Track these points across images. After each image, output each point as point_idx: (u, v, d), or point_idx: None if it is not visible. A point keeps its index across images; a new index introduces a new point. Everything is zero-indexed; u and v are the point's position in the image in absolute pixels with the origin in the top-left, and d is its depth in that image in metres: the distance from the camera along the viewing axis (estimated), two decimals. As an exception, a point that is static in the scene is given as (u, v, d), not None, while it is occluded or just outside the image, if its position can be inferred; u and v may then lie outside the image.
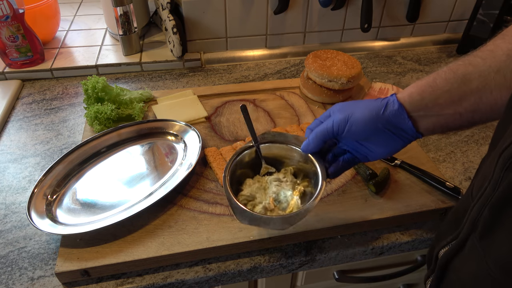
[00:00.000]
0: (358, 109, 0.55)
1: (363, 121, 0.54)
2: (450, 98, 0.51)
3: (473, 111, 0.51)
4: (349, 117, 0.55)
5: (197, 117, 0.87)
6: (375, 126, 0.54)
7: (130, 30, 1.04)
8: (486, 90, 0.49)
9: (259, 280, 0.76)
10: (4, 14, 0.92)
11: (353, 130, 0.55)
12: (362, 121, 0.54)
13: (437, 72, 0.53)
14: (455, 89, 0.50)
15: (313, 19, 1.11)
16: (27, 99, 0.96)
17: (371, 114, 0.54)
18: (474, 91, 0.49)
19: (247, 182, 0.63)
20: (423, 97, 0.52)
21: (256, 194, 0.61)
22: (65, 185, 0.71)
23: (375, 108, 0.54)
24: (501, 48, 0.49)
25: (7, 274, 0.61)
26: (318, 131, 0.57)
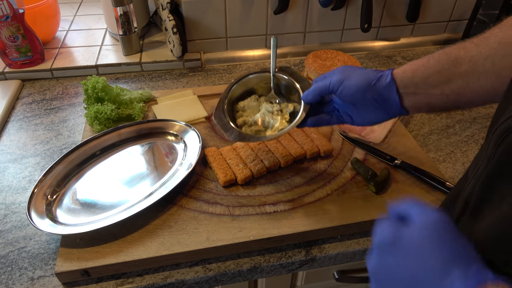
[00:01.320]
0: (355, 75, 0.58)
1: (355, 87, 0.57)
2: (439, 78, 0.53)
3: (459, 94, 0.52)
4: (344, 80, 0.58)
5: (197, 117, 0.87)
6: (364, 95, 0.57)
7: (130, 30, 1.04)
8: (474, 74, 0.50)
9: (259, 280, 0.76)
10: (4, 14, 0.92)
11: (345, 93, 0.58)
12: (354, 87, 0.57)
13: (433, 54, 0.55)
14: (445, 70, 0.52)
15: (313, 19, 1.11)
16: (27, 99, 0.96)
17: (364, 82, 0.57)
18: (463, 74, 0.51)
19: (252, 97, 0.72)
20: (415, 75, 0.54)
21: (248, 110, 0.71)
22: (65, 185, 0.71)
23: (369, 78, 0.57)
24: (495, 36, 0.50)
25: (7, 274, 0.61)
26: (317, 86, 0.62)
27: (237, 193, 0.71)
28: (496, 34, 0.50)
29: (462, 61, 0.51)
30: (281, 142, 0.79)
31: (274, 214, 0.67)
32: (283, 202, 0.69)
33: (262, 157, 0.75)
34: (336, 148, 0.81)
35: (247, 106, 0.72)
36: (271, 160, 0.75)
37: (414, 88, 0.55)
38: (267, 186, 0.72)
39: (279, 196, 0.70)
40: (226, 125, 0.67)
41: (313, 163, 0.77)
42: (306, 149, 0.77)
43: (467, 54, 0.51)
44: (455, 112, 0.95)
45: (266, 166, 0.74)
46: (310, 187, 0.72)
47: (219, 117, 0.68)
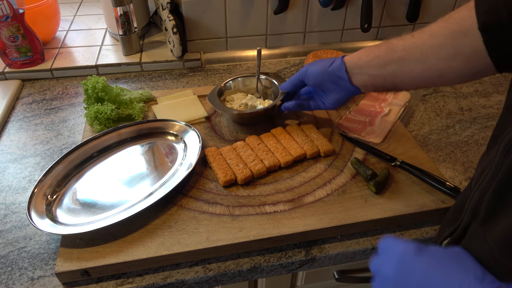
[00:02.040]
0: (316, 63, 0.74)
1: (315, 71, 0.73)
2: (378, 62, 0.64)
3: (393, 76, 0.63)
4: (308, 69, 0.75)
5: (197, 117, 0.87)
6: (323, 77, 0.72)
7: (130, 30, 1.04)
8: (405, 60, 0.61)
9: (259, 280, 0.76)
10: (4, 14, 0.92)
11: (309, 78, 0.75)
12: (314, 72, 0.73)
13: (379, 43, 0.66)
14: (383, 56, 0.64)
15: (313, 19, 1.11)
16: (27, 99, 0.96)
17: (321, 67, 0.72)
18: (396, 60, 0.62)
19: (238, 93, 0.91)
20: (360, 59, 0.67)
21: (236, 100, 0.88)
22: (65, 185, 0.71)
23: (325, 63, 0.72)
24: (430, 28, 0.59)
25: (7, 274, 0.61)
26: (292, 77, 0.81)
27: (237, 193, 0.71)
28: (431, 27, 0.60)
29: (397, 49, 0.62)
30: (281, 142, 0.79)
31: (274, 214, 0.67)
32: (283, 202, 0.69)
33: (262, 157, 0.75)
34: (336, 148, 0.81)
35: (235, 97, 0.89)
36: (271, 160, 0.75)
37: (358, 69, 0.67)
38: (267, 186, 0.72)
39: (279, 196, 0.70)
40: (219, 104, 0.83)
41: (313, 163, 0.77)
42: (306, 149, 0.77)
43: (404, 43, 0.62)
44: (455, 112, 0.95)
45: (266, 166, 0.74)
46: (310, 187, 0.72)
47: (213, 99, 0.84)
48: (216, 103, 0.83)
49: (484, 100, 1.00)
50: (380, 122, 0.85)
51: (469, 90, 1.04)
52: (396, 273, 0.42)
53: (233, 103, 0.88)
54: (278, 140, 0.79)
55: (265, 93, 0.91)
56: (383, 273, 0.45)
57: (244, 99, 0.87)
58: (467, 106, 0.98)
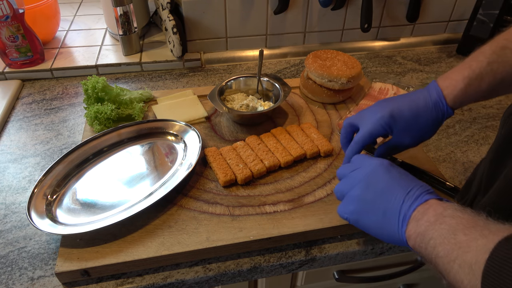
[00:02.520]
0: (405, 109, 0.62)
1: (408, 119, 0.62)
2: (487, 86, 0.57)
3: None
4: (395, 118, 0.62)
5: (197, 117, 0.87)
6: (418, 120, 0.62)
7: (130, 30, 1.04)
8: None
9: (259, 280, 0.76)
10: (4, 14, 0.92)
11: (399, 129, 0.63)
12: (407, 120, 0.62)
13: (480, 66, 0.57)
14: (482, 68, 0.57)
15: (313, 19, 1.11)
16: (27, 99, 0.96)
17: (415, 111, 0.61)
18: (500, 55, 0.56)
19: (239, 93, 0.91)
20: (467, 91, 0.57)
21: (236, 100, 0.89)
22: (65, 185, 0.71)
23: (413, 104, 0.61)
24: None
25: (7, 274, 0.61)
26: (359, 138, 0.64)
27: (237, 193, 0.71)
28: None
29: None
30: (281, 142, 0.79)
31: (274, 214, 0.67)
32: (283, 202, 0.69)
33: (262, 157, 0.75)
34: (336, 148, 0.81)
35: (236, 97, 0.89)
36: (271, 160, 0.75)
37: (465, 99, 0.58)
38: (267, 186, 0.72)
39: (279, 196, 0.70)
40: (219, 104, 0.83)
41: (313, 163, 0.77)
42: (306, 149, 0.77)
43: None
44: (455, 112, 0.95)
45: (266, 166, 0.74)
46: (310, 187, 0.72)
47: (213, 98, 0.84)
48: (217, 102, 0.83)
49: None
50: (380, 122, 0.85)
51: (469, 90, 1.04)
52: (369, 176, 0.53)
53: (234, 103, 0.88)
54: (278, 140, 0.79)
55: (266, 94, 0.92)
56: (356, 176, 0.54)
57: (245, 100, 0.87)
58: (467, 106, 0.98)
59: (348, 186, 0.55)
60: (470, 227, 0.40)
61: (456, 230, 0.41)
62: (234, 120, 0.87)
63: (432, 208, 0.46)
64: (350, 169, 0.56)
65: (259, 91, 0.91)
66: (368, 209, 0.52)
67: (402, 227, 0.47)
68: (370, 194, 0.52)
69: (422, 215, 0.46)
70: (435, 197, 0.48)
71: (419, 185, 0.50)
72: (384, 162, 0.54)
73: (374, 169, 0.53)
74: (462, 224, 0.41)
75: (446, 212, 0.44)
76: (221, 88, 0.88)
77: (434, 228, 0.43)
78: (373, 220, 0.51)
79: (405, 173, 0.53)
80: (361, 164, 0.56)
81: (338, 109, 0.91)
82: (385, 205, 0.50)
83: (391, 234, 0.49)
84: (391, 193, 0.50)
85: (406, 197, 0.48)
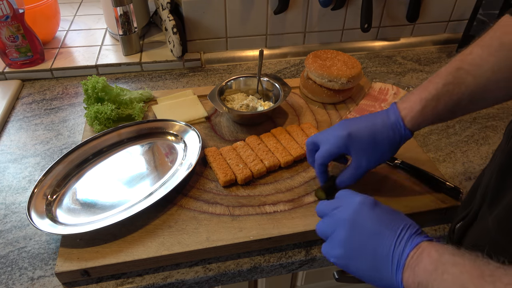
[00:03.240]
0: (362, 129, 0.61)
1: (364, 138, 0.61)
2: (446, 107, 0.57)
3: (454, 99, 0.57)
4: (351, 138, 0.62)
5: (197, 117, 0.87)
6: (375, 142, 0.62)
7: (130, 30, 1.04)
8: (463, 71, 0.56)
9: (259, 280, 0.76)
10: (4, 14, 0.92)
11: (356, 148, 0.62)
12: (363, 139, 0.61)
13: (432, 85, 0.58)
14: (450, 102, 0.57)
15: (313, 19, 1.11)
16: (27, 99, 0.96)
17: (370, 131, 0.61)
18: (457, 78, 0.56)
19: (239, 93, 0.91)
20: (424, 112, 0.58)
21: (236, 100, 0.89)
22: (65, 185, 0.71)
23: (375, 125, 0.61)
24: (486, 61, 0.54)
25: (7, 274, 0.61)
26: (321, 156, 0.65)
27: (237, 193, 0.71)
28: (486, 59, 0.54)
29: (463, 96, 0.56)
30: (281, 142, 0.79)
31: (274, 214, 0.67)
32: (283, 202, 0.69)
33: (262, 157, 0.75)
34: (336, 148, 0.81)
35: (235, 97, 0.89)
36: (271, 160, 0.75)
37: (423, 121, 0.59)
38: (267, 186, 0.72)
39: (279, 196, 0.70)
40: (219, 104, 0.83)
41: (313, 163, 0.77)
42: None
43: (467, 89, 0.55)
44: (455, 112, 0.95)
45: (266, 166, 0.74)
46: (310, 187, 0.72)
47: (213, 98, 0.84)
48: (217, 102, 0.83)
49: (484, 100, 1.00)
50: (380, 122, 0.85)
51: (469, 90, 1.04)
52: (354, 217, 0.50)
53: (234, 103, 0.88)
54: (278, 140, 0.79)
55: (265, 94, 0.92)
56: (339, 216, 0.51)
57: (245, 100, 0.87)
58: (467, 106, 0.98)
59: (332, 227, 0.52)
60: (477, 276, 0.38)
61: (464, 282, 0.38)
62: (234, 120, 0.87)
63: (425, 253, 0.44)
64: (332, 207, 0.53)
65: (259, 91, 0.92)
66: (357, 255, 0.49)
67: (397, 275, 0.45)
68: (356, 237, 0.49)
69: (417, 262, 0.44)
70: (426, 238, 0.46)
71: (408, 225, 0.48)
72: (367, 200, 0.51)
73: (357, 208, 0.50)
74: (467, 272, 0.39)
75: (444, 259, 0.42)
76: (221, 88, 0.88)
77: (435, 278, 0.41)
78: (364, 266, 0.49)
79: (391, 211, 0.51)
80: (344, 201, 0.53)
81: (338, 109, 0.91)
82: (375, 250, 0.47)
83: (387, 281, 0.46)
84: (380, 237, 0.47)
85: (396, 241, 0.46)
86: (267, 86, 0.91)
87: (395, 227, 0.47)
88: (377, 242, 0.47)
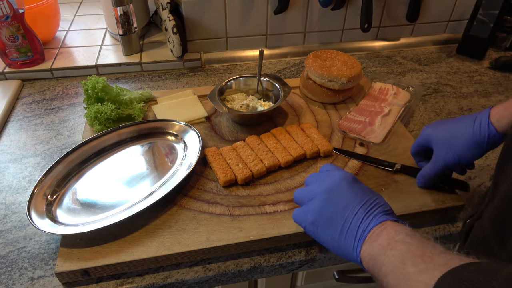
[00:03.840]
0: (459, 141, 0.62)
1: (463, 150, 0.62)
2: None
3: None
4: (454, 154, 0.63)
5: (197, 117, 0.87)
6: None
7: (130, 30, 1.04)
8: None
9: (259, 280, 0.76)
10: (4, 14, 0.92)
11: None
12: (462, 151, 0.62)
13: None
14: None
15: (313, 19, 1.11)
16: (27, 99, 0.96)
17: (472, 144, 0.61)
18: None
19: (239, 93, 0.91)
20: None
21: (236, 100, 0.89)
22: (65, 185, 0.71)
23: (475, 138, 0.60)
24: None
25: (7, 274, 0.61)
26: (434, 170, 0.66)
27: (237, 193, 0.71)
28: None
29: None
30: (281, 142, 0.79)
31: (274, 214, 0.67)
32: (283, 202, 0.69)
33: (262, 157, 0.75)
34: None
35: (235, 97, 0.89)
36: (271, 160, 0.75)
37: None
38: (267, 186, 0.72)
39: (279, 196, 0.70)
40: (219, 104, 0.82)
41: (313, 163, 0.77)
42: (306, 149, 0.77)
43: None
44: (455, 112, 0.95)
45: (266, 166, 0.74)
46: (310, 187, 0.72)
47: (213, 98, 0.84)
48: (217, 102, 0.83)
49: (484, 100, 1.00)
50: (380, 122, 0.85)
51: (469, 90, 1.04)
52: (332, 188, 0.53)
53: (234, 103, 0.88)
54: (278, 140, 0.79)
55: (266, 94, 0.92)
56: (319, 186, 0.54)
57: (245, 100, 0.87)
58: (467, 106, 0.98)
59: (310, 195, 0.55)
60: (418, 256, 0.41)
61: (405, 259, 0.41)
62: (234, 120, 0.87)
63: (386, 230, 0.46)
64: (316, 178, 0.57)
65: (259, 91, 0.92)
66: (327, 224, 0.52)
67: (357, 247, 0.48)
68: (330, 208, 0.52)
69: (377, 237, 0.46)
70: (392, 218, 0.48)
71: (380, 204, 0.50)
72: (348, 176, 0.54)
73: (337, 182, 0.53)
74: (411, 252, 0.42)
75: (398, 237, 0.44)
76: (221, 88, 0.88)
77: (385, 253, 0.44)
78: (331, 234, 0.51)
79: (368, 189, 0.53)
80: (327, 174, 0.56)
81: (338, 109, 0.91)
82: (344, 222, 0.50)
83: (347, 252, 0.49)
84: (351, 210, 0.50)
85: (364, 217, 0.49)
86: (267, 86, 0.91)
87: (367, 203, 0.50)
88: (347, 215, 0.50)
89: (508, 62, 1.11)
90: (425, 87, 1.05)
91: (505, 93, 1.03)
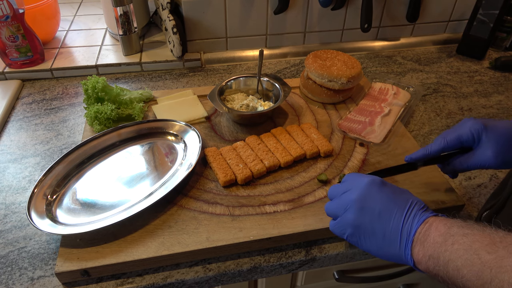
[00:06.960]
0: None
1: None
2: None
3: None
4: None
5: (197, 117, 0.87)
6: None
7: (130, 30, 1.04)
8: None
9: (259, 280, 0.76)
10: (4, 14, 0.92)
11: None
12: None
13: None
14: None
15: (313, 19, 1.11)
16: (27, 99, 0.96)
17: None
18: None
19: (239, 93, 0.91)
20: None
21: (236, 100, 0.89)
22: (65, 185, 0.71)
23: None
24: None
25: (7, 274, 0.61)
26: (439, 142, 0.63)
27: (237, 193, 0.71)
28: None
29: None
30: (281, 142, 0.79)
31: (274, 214, 0.67)
32: (283, 202, 0.69)
33: (262, 157, 0.75)
34: (336, 148, 0.81)
35: (235, 97, 0.89)
36: (271, 160, 0.75)
37: None
38: (267, 186, 0.72)
39: (279, 196, 0.70)
40: (219, 104, 0.82)
41: (313, 163, 0.77)
42: (306, 149, 0.77)
43: None
44: (455, 112, 0.95)
45: (266, 166, 0.74)
46: (310, 187, 0.72)
47: (213, 98, 0.84)
48: (217, 102, 0.83)
49: (484, 100, 1.00)
50: (380, 122, 0.85)
51: (469, 90, 1.04)
52: (362, 197, 0.51)
53: (234, 103, 0.88)
54: (278, 140, 0.79)
55: (265, 94, 0.91)
56: (349, 197, 0.53)
57: (245, 100, 0.87)
58: (467, 106, 0.98)
59: (341, 208, 0.53)
60: (489, 243, 0.39)
61: (476, 250, 0.40)
62: (234, 120, 0.87)
63: (433, 227, 0.46)
64: (342, 190, 0.55)
65: (259, 91, 0.91)
66: (367, 233, 0.51)
67: (406, 250, 0.47)
68: (366, 217, 0.51)
69: (426, 236, 0.45)
70: (431, 214, 0.48)
71: (415, 202, 0.50)
72: (376, 180, 0.53)
73: (366, 189, 0.52)
74: (478, 241, 0.40)
75: (452, 231, 0.43)
76: (221, 88, 0.88)
77: (446, 249, 0.42)
78: (374, 243, 0.50)
79: (398, 189, 0.52)
80: (353, 183, 0.54)
81: (338, 109, 0.91)
82: (384, 227, 0.49)
83: (396, 257, 0.49)
84: (388, 215, 0.49)
85: (404, 219, 0.48)
86: (267, 86, 0.91)
87: (402, 205, 0.49)
88: (386, 221, 0.49)
89: (508, 62, 1.11)
90: (425, 87, 1.05)
91: (505, 93, 1.03)
